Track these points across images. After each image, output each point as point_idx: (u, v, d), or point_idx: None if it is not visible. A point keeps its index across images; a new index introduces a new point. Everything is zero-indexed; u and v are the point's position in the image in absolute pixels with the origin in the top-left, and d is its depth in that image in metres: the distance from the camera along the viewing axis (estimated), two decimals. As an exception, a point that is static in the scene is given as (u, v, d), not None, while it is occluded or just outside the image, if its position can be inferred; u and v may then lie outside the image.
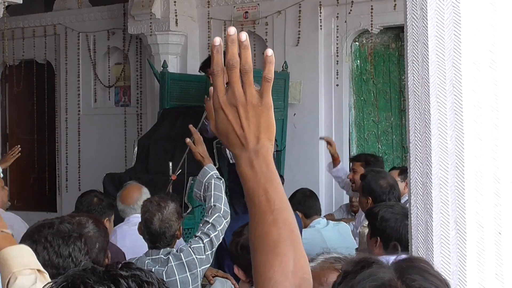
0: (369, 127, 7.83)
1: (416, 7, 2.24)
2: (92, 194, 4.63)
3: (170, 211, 3.85)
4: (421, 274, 1.43)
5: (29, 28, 9.75)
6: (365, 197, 4.71)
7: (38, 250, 2.42)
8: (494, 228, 2.16)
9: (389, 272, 1.43)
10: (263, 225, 1.39)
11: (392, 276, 1.42)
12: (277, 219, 1.39)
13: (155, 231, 3.80)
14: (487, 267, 2.14)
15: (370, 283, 1.40)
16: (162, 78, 7.44)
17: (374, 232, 3.66)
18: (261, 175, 1.40)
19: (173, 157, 6.33)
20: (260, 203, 1.40)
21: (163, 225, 3.80)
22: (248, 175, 1.41)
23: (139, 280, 1.32)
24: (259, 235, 1.40)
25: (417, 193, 2.25)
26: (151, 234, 3.82)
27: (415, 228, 2.26)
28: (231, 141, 1.41)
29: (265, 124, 1.40)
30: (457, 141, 2.17)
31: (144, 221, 3.86)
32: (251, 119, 1.39)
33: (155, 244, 3.83)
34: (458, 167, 2.16)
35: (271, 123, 1.41)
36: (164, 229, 3.81)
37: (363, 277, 1.42)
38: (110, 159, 8.94)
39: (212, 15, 8.28)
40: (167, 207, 3.85)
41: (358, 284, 1.42)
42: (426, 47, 2.22)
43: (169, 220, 3.82)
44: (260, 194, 1.40)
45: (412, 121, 2.27)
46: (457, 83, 2.17)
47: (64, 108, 9.53)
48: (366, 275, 1.42)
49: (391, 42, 7.77)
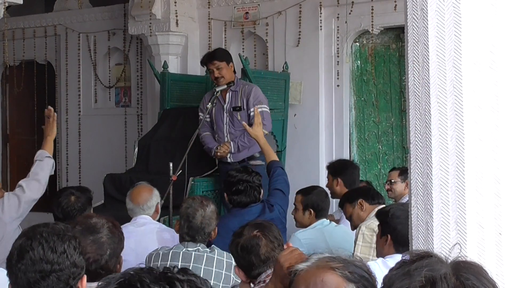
0: (369, 128, 7.83)
1: (417, 7, 2.24)
2: (68, 192, 4.57)
3: (212, 210, 4.19)
4: (476, 275, 1.46)
5: (29, 28, 9.74)
6: None
7: (34, 246, 2.43)
8: (495, 228, 2.16)
9: (446, 267, 1.48)
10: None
11: (448, 271, 1.46)
12: None
13: (196, 225, 4.10)
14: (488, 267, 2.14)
15: (426, 272, 1.45)
16: (163, 78, 7.44)
17: (385, 230, 3.73)
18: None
19: (174, 158, 6.33)
20: None
21: (204, 221, 4.12)
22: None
23: (194, 285, 1.31)
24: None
25: (418, 193, 2.25)
26: (191, 228, 4.10)
27: (416, 228, 2.26)
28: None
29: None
30: (457, 141, 2.17)
31: (186, 215, 4.13)
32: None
33: (194, 237, 4.09)
34: (458, 168, 2.16)
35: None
36: (204, 225, 4.11)
37: (421, 265, 1.48)
38: (110, 159, 8.94)
39: (212, 16, 8.28)
40: (210, 205, 4.21)
41: (415, 271, 1.47)
42: (426, 48, 2.22)
43: (209, 217, 4.15)
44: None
45: (412, 121, 2.27)
46: (457, 83, 2.17)
47: (64, 108, 9.53)
48: (424, 264, 1.48)
49: (392, 43, 7.76)
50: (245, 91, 6.47)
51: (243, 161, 6.39)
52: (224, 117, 6.51)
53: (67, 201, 4.49)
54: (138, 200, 4.82)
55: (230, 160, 6.45)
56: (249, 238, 3.27)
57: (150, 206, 4.81)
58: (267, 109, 6.49)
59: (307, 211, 5.20)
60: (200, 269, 3.89)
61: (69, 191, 4.58)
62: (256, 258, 3.23)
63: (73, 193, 4.53)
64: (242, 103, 6.46)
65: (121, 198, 6.51)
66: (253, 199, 5.04)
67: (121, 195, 6.63)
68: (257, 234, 3.28)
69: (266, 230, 3.31)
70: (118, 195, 6.58)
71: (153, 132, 7.45)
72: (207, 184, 6.58)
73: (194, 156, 6.41)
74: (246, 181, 5.03)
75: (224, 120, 6.51)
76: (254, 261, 3.23)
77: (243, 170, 5.19)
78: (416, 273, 1.45)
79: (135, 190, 4.91)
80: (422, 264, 1.48)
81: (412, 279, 1.45)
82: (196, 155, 6.51)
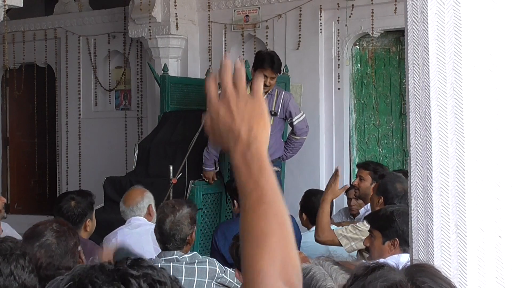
0: (369, 131, 7.82)
1: (417, 10, 2.24)
2: (68, 197, 4.57)
3: (184, 214, 3.92)
4: (431, 277, 1.45)
5: (29, 31, 9.75)
6: (378, 196, 4.75)
7: None
8: (495, 231, 2.16)
9: (400, 274, 1.46)
10: (252, 217, 1.38)
11: (403, 278, 1.44)
12: (267, 212, 1.37)
13: (166, 231, 3.88)
14: (488, 271, 2.14)
15: (381, 283, 1.43)
16: (163, 81, 7.45)
17: (391, 235, 3.68)
18: (253, 167, 1.39)
19: (174, 161, 6.34)
20: (251, 195, 1.39)
21: (174, 227, 3.87)
22: (240, 167, 1.40)
23: (151, 279, 1.24)
24: (247, 227, 1.38)
25: (418, 196, 2.24)
26: (162, 234, 3.90)
27: (416, 231, 2.25)
28: (225, 138, 1.42)
29: (257, 116, 1.41)
30: (457, 144, 2.17)
31: (158, 221, 3.97)
32: (243, 111, 1.40)
33: (165, 245, 3.89)
34: (458, 171, 2.16)
35: (264, 114, 1.42)
36: (174, 231, 3.87)
37: (374, 278, 1.44)
38: (110, 162, 8.94)
39: (212, 19, 8.28)
40: (181, 210, 3.93)
41: (369, 284, 1.44)
42: (426, 51, 2.21)
43: (180, 223, 3.89)
44: (251, 187, 1.39)
45: (412, 124, 2.27)
46: (457, 86, 2.17)
47: (64, 111, 9.53)
48: (377, 276, 1.45)
49: (392, 46, 7.77)
50: (281, 98, 6.50)
51: None
52: None
53: (67, 206, 4.49)
54: (129, 202, 4.92)
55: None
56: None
57: (141, 207, 4.87)
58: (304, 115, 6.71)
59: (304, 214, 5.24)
60: (181, 280, 3.76)
61: (70, 196, 4.58)
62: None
63: (73, 198, 4.53)
64: (277, 108, 6.47)
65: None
66: None
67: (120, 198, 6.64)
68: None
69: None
70: (118, 198, 6.55)
71: (153, 135, 7.45)
72: (207, 187, 6.58)
73: (194, 159, 6.41)
74: None
75: None
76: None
77: None
78: (371, 286, 1.43)
79: (128, 193, 5.05)
80: (376, 276, 1.45)
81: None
82: (196, 158, 6.51)
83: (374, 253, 3.80)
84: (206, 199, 6.57)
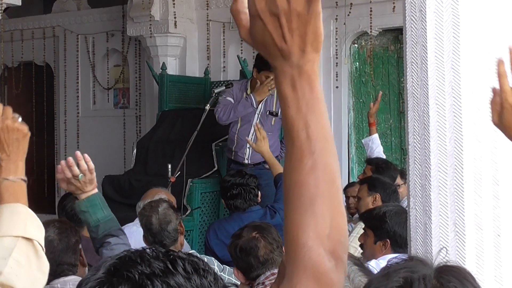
0: (368, 129, 7.82)
1: (415, 9, 2.24)
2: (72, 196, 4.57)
3: (165, 208, 3.93)
4: (460, 279, 1.45)
5: (28, 30, 9.74)
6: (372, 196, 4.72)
7: None
8: (493, 230, 2.16)
9: (429, 269, 1.46)
10: (299, 172, 1.18)
11: (430, 273, 1.44)
12: (316, 165, 1.18)
13: (156, 229, 3.86)
14: (486, 269, 2.14)
15: (404, 273, 1.43)
16: (161, 80, 7.44)
17: (382, 235, 3.66)
18: (303, 102, 1.17)
19: (172, 159, 6.33)
20: (299, 141, 1.18)
21: (162, 221, 3.87)
22: (289, 99, 1.18)
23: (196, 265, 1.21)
24: (294, 185, 1.18)
25: (416, 195, 2.25)
26: (153, 234, 3.87)
27: (414, 230, 2.26)
28: (271, 52, 1.18)
29: (312, 35, 1.16)
30: (456, 143, 2.17)
31: (144, 226, 3.92)
32: (295, 30, 1.15)
33: (162, 243, 3.87)
34: (457, 169, 2.16)
35: (319, 33, 1.17)
36: (164, 225, 3.87)
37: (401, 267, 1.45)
38: (109, 161, 8.93)
39: (211, 17, 8.27)
40: (160, 205, 3.93)
41: (394, 272, 1.44)
42: (425, 49, 2.21)
43: (166, 215, 3.89)
44: (300, 128, 1.18)
45: (411, 123, 2.27)
46: (456, 85, 2.17)
47: (63, 110, 9.53)
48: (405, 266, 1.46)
49: (390, 44, 7.77)
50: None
51: (259, 164, 6.24)
52: (254, 120, 6.31)
53: (71, 205, 4.50)
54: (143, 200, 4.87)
55: (247, 162, 6.31)
56: (248, 240, 3.28)
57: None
58: None
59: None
60: None
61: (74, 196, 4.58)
62: (255, 260, 3.23)
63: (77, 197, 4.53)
64: (278, 109, 6.37)
65: (119, 199, 6.52)
66: (250, 202, 5.03)
67: (119, 197, 6.63)
68: (256, 236, 3.28)
69: (265, 232, 3.31)
70: (116, 197, 6.58)
71: (151, 133, 7.45)
72: (205, 186, 6.57)
73: (193, 157, 6.40)
74: (240, 184, 5.02)
75: (253, 123, 6.25)
76: (253, 263, 3.23)
77: (237, 174, 5.17)
78: (395, 274, 1.43)
79: (146, 193, 4.96)
80: (404, 266, 1.45)
81: (389, 280, 1.43)
82: (195, 157, 6.50)
83: (366, 251, 3.77)
84: (204, 198, 6.56)
